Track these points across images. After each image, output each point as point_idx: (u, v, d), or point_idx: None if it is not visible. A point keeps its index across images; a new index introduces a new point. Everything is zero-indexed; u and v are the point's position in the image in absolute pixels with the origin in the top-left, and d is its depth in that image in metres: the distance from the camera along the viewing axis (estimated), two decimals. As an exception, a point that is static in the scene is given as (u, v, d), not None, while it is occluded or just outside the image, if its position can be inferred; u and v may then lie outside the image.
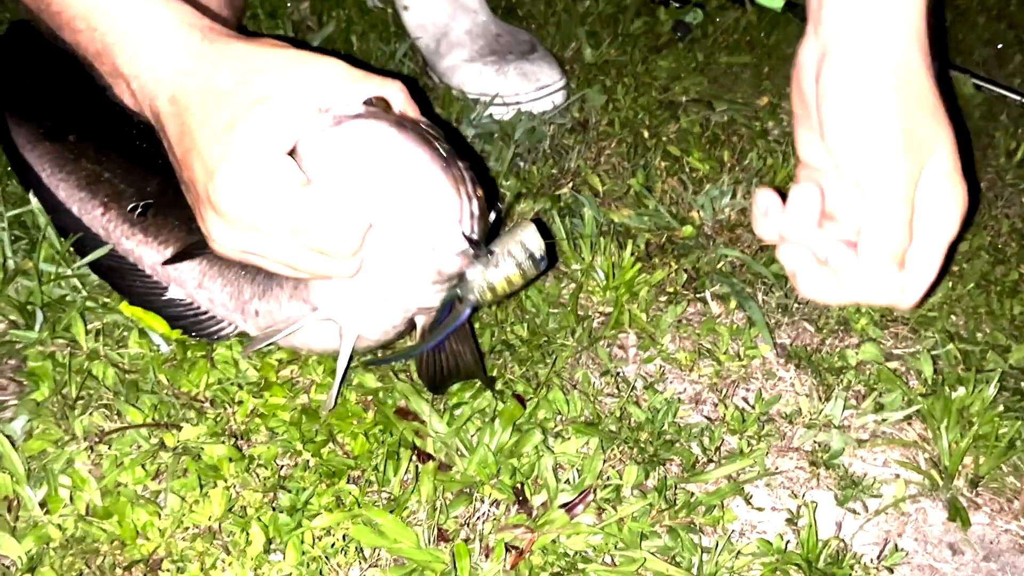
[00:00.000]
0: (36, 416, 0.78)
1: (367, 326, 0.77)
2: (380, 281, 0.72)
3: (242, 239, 0.66)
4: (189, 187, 0.68)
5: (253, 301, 0.82)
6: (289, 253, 0.66)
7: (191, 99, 0.63)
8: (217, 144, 0.62)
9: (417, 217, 0.66)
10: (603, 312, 0.97)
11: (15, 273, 0.89)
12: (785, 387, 0.92)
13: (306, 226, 0.63)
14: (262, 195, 0.62)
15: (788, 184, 1.15)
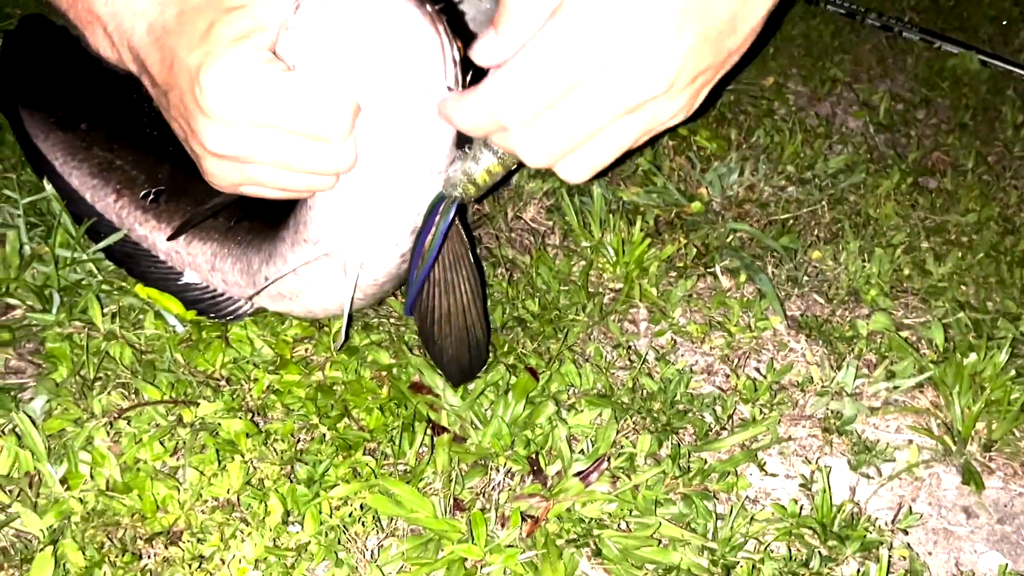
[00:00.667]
0: (55, 396, 0.79)
1: (370, 249, 0.74)
2: (376, 178, 0.68)
3: (234, 143, 0.63)
4: (176, 108, 0.66)
5: (262, 268, 0.82)
6: (283, 150, 0.63)
7: (168, 22, 0.64)
8: (196, 50, 0.62)
9: (398, 62, 0.61)
10: (614, 288, 0.98)
11: (32, 258, 0.90)
12: (796, 357, 0.92)
13: (294, 109, 0.61)
14: (246, 86, 0.61)
15: (796, 160, 1.16)
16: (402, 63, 0.61)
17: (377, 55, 0.61)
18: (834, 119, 1.31)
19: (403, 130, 0.65)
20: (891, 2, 1.59)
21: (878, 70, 1.42)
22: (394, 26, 0.60)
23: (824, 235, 1.08)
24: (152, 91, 0.69)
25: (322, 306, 0.83)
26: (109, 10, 0.67)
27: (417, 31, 0.60)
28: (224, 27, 0.62)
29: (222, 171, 0.67)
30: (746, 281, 0.99)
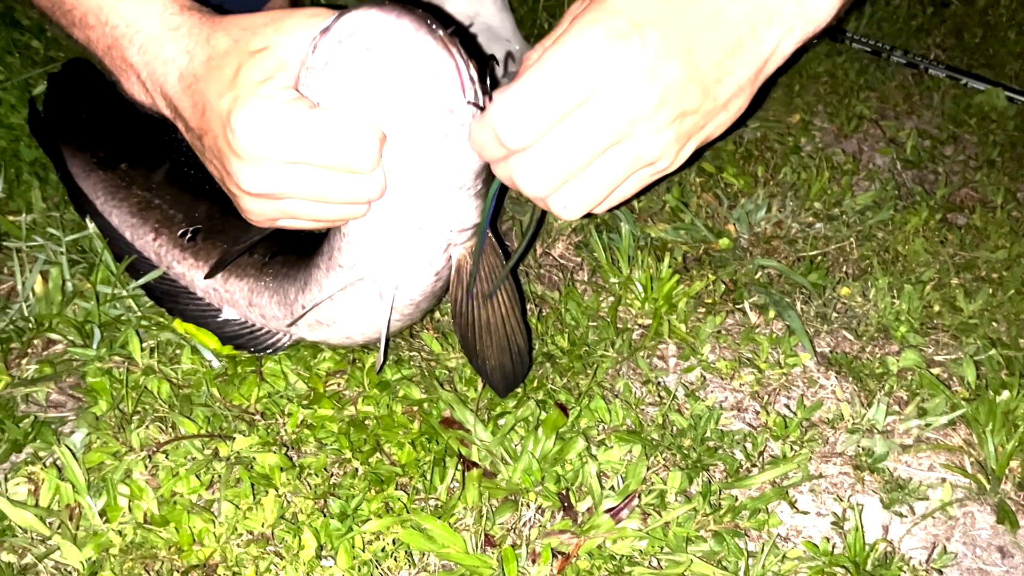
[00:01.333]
0: (95, 429, 0.81)
1: (404, 270, 0.76)
2: (406, 200, 0.70)
3: (267, 181, 0.66)
4: (211, 151, 0.69)
5: (298, 298, 0.84)
6: (315, 184, 0.66)
7: (197, 69, 0.67)
8: (226, 95, 0.65)
9: (416, 89, 0.63)
10: (642, 324, 0.98)
11: (73, 294, 0.92)
12: (826, 394, 0.92)
13: (322, 144, 0.63)
14: (275, 126, 0.63)
15: (823, 196, 1.16)
16: (420, 89, 0.63)
17: (395, 84, 0.63)
18: (861, 156, 1.31)
19: (428, 152, 0.67)
20: (917, 40, 1.59)
21: (905, 107, 1.43)
22: (409, 54, 0.62)
23: (853, 271, 1.08)
24: (187, 135, 0.72)
25: (360, 331, 0.85)
26: (142, 59, 0.70)
27: (431, 57, 0.62)
28: (250, 70, 0.65)
29: (259, 208, 0.70)
30: (775, 317, 0.99)
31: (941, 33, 1.63)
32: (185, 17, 0.69)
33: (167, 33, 0.69)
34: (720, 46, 0.59)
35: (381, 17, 0.61)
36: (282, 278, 0.87)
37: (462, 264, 0.77)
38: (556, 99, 0.58)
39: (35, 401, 0.86)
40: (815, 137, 1.32)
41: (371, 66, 0.62)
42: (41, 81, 1.16)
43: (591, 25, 0.57)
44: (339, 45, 0.62)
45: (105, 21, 0.70)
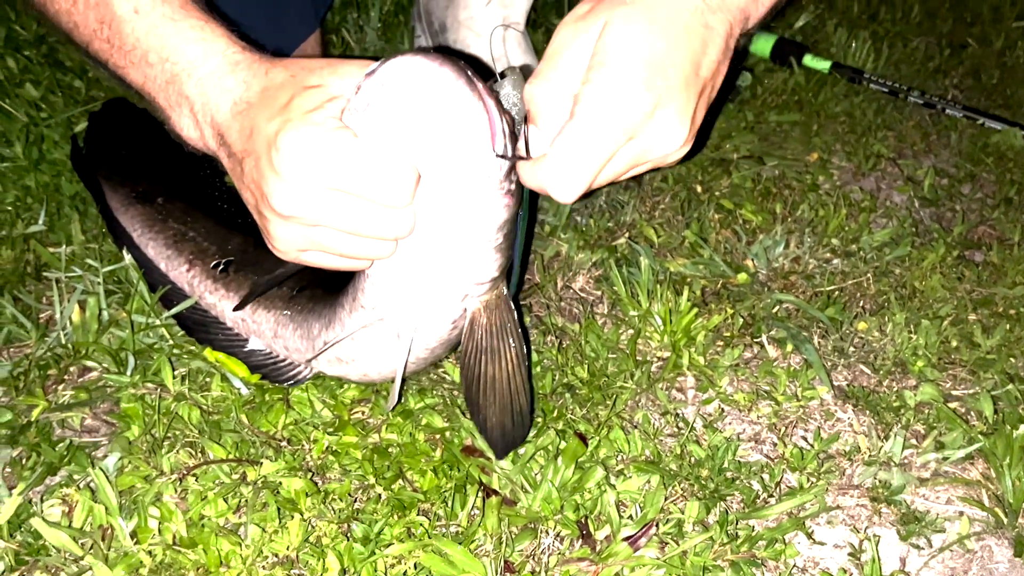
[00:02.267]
0: (128, 453, 0.83)
1: (423, 317, 0.78)
2: (430, 246, 0.72)
3: (304, 203, 0.68)
4: (250, 175, 0.72)
5: (321, 334, 0.87)
6: (349, 214, 0.68)
7: (251, 97, 0.71)
8: (276, 118, 0.68)
9: (450, 137, 0.66)
10: (661, 356, 1.00)
11: (109, 323, 0.96)
12: (843, 427, 0.93)
13: (362, 174, 0.66)
14: (319, 149, 0.66)
15: (841, 233, 1.18)
16: (453, 136, 0.66)
17: (430, 128, 0.66)
18: (879, 194, 1.33)
19: (455, 197, 0.70)
20: (934, 80, 1.62)
21: (922, 146, 1.44)
22: (446, 102, 0.65)
23: (870, 307, 1.09)
24: (228, 163, 0.75)
25: (377, 370, 0.87)
26: (199, 91, 0.74)
27: (466, 106, 0.65)
28: (301, 100, 0.69)
29: (288, 234, 0.72)
30: (792, 351, 1.00)
31: (959, 74, 1.66)
32: (246, 55, 0.74)
33: (227, 67, 0.73)
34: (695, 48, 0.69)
35: (423, 64, 0.65)
36: (307, 313, 0.89)
37: (476, 316, 0.80)
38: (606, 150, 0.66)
39: (70, 426, 0.88)
40: (833, 175, 1.34)
41: (409, 109, 0.66)
42: (83, 119, 1.21)
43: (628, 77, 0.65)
44: (382, 87, 0.66)
45: (167, 58, 0.74)
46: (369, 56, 1.45)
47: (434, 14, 1.36)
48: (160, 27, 0.74)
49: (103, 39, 0.76)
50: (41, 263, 1.04)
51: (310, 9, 1.18)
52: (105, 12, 0.75)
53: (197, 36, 0.74)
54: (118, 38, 0.75)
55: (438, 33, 1.37)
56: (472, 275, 0.76)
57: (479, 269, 0.76)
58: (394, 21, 1.51)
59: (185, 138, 0.78)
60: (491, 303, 0.80)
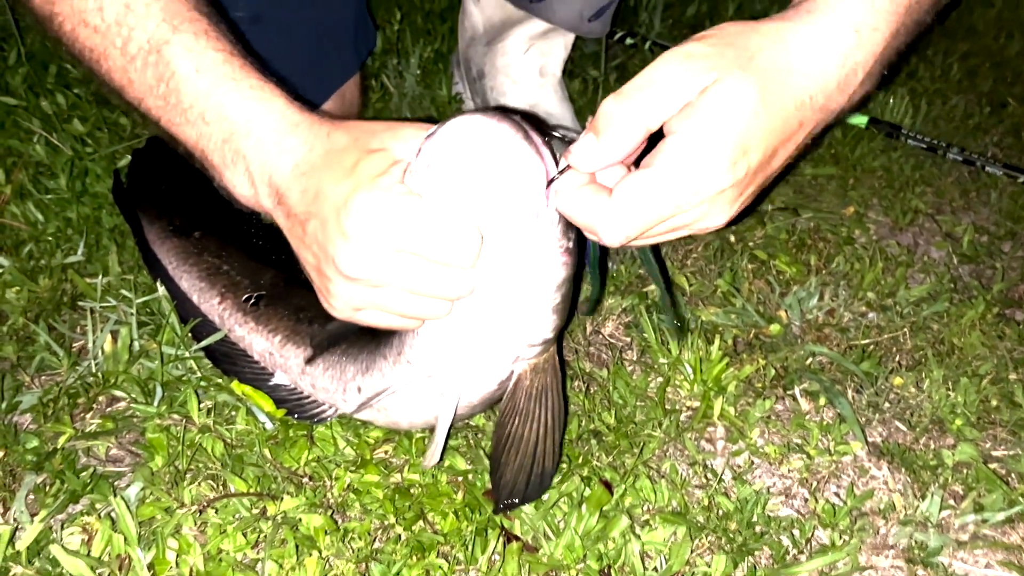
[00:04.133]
0: (150, 484, 0.83)
1: (471, 375, 0.79)
2: (488, 307, 0.73)
3: (371, 266, 0.69)
4: (314, 236, 0.73)
5: (356, 378, 0.86)
6: (414, 274, 0.69)
7: (315, 160, 0.72)
8: (344, 182, 0.69)
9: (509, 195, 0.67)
10: (690, 406, 0.98)
11: (140, 354, 0.96)
12: (878, 484, 0.90)
13: (430, 236, 0.68)
14: (389, 213, 0.67)
15: (876, 287, 1.16)
16: (510, 195, 0.67)
17: (489, 188, 0.67)
18: (916, 249, 1.31)
19: (513, 257, 0.70)
20: (974, 138, 1.60)
21: (961, 203, 1.42)
22: (503, 162, 0.67)
23: (906, 362, 1.06)
24: (285, 222, 0.76)
25: (409, 420, 0.87)
26: (257, 149, 0.74)
27: (525, 165, 0.67)
28: (367, 164, 0.70)
29: (350, 294, 0.73)
30: (825, 405, 0.98)
31: (999, 132, 1.64)
32: (305, 116, 0.75)
33: (287, 127, 0.74)
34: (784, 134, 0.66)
35: (479, 123, 0.67)
36: (341, 353, 0.89)
37: (522, 378, 0.80)
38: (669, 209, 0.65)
39: (96, 455, 0.89)
40: (869, 229, 1.32)
41: (467, 169, 0.67)
42: (126, 154, 1.23)
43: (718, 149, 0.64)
44: (441, 148, 0.67)
45: (226, 117, 0.75)
46: (408, 103, 1.47)
47: (472, 60, 1.38)
48: (220, 87, 0.75)
49: (159, 96, 0.77)
50: (78, 293, 1.05)
51: (352, 53, 1.20)
52: (164, 70, 0.75)
53: (256, 96, 0.75)
54: (175, 96, 0.75)
55: (476, 80, 1.39)
56: (526, 336, 0.77)
57: (534, 330, 0.76)
58: (434, 68, 1.54)
59: (237, 195, 0.78)
60: (539, 366, 0.81)
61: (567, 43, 1.33)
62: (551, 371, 0.82)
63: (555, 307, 0.76)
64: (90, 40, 0.77)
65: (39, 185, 1.19)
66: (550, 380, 0.82)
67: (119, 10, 0.75)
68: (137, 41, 0.75)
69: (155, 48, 0.75)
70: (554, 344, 0.81)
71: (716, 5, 1.89)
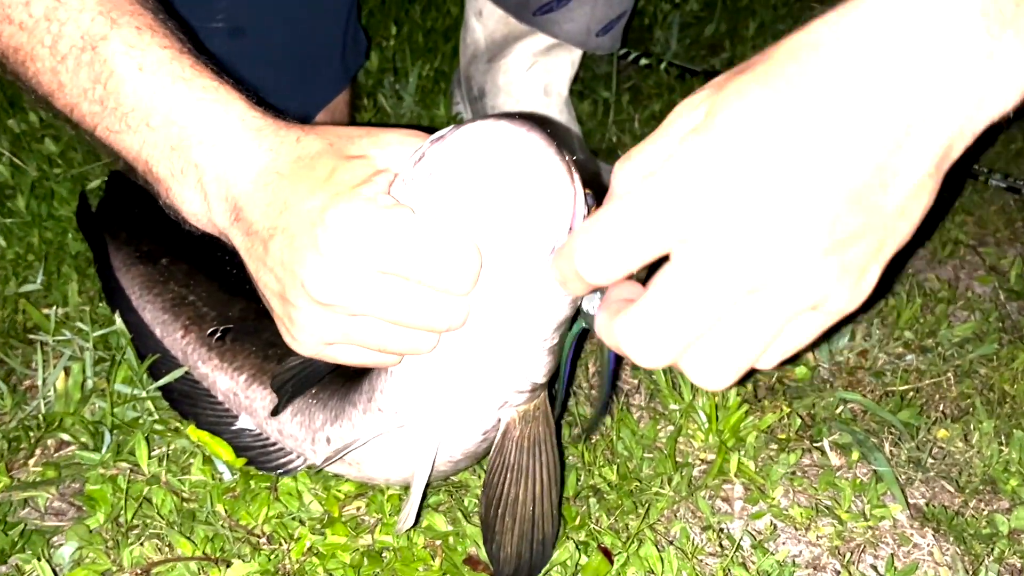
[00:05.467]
0: (88, 543, 0.74)
1: (451, 426, 0.69)
2: (478, 341, 0.63)
3: (348, 289, 0.59)
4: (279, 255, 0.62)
5: (325, 427, 0.77)
6: (399, 300, 0.59)
7: (281, 167, 0.62)
8: (319, 192, 0.60)
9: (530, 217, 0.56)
10: (705, 459, 0.87)
11: (91, 392, 0.87)
12: (922, 555, 0.78)
13: (422, 255, 0.57)
14: (374, 227, 0.57)
15: (915, 326, 1.05)
16: (534, 217, 0.56)
17: (512, 206, 0.56)
18: (958, 283, 1.20)
19: (521, 287, 0.60)
20: (1016, 164, 1.49)
21: (1006, 233, 1.31)
22: (532, 179, 0.56)
23: (951, 411, 0.95)
24: (243, 241, 0.65)
25: (384, 476, 0.77)
26: (212, 158, 0.64)
27: (555, 186, 0.56)
28: (347, 171, 0.61)
29: (320, 324, 0.62)
30: (859, 460, 0.87)
31: (1044, 158, 1.53)
32: (268, 120, 0.65)
33: (248, 132, 0.64)
34: (880, 144, 0.44)
35: (508, 130, 0.56)
36: (310, 398, 0.79)
37: (510, 428, 0.70)
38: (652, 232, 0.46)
39: (36, 507, 0.79)
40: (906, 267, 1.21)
41: (483, 181, 0.56)
42: (96, 175, 1.15)
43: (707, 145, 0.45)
44: (453, 155, 0.56)
45: (174, 121, 0.65)
46: (405, 124, 1.39)
47: (474, 79, 1.30)
48: (168, 87, 0.65)
49: (94, 100, 0.67)
50: (31, 324, 0.96)
51: (340, 68, 1.12)
52: (101, 70, 0.66)
53: (211, 97, 0.66)
54: (114, 98, 0.66)
55: (477, 99, 1.30)
56: (518, 379, 0.66)
57: (527, 372, 0.66)
58: (433, 88, 1.45)
59: (186, 214, 0.68)
60: (528, 414, 0.70)
61: (574, 60, 1.24)
62: (543, 419, 0.71)
63: (551, 348, 0.66)
64: (14, 39, 0.67)
65: (2, 208, 1.11)
66: (542, 430, 0.71)
67: (49, 4, 0.66)
68: (69, 38, 0.66)
69: (90, 44, 0.65)
70: (545, 390, 0.71)
71: (736, 25, 1.79)
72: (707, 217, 0.44)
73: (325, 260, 0.59)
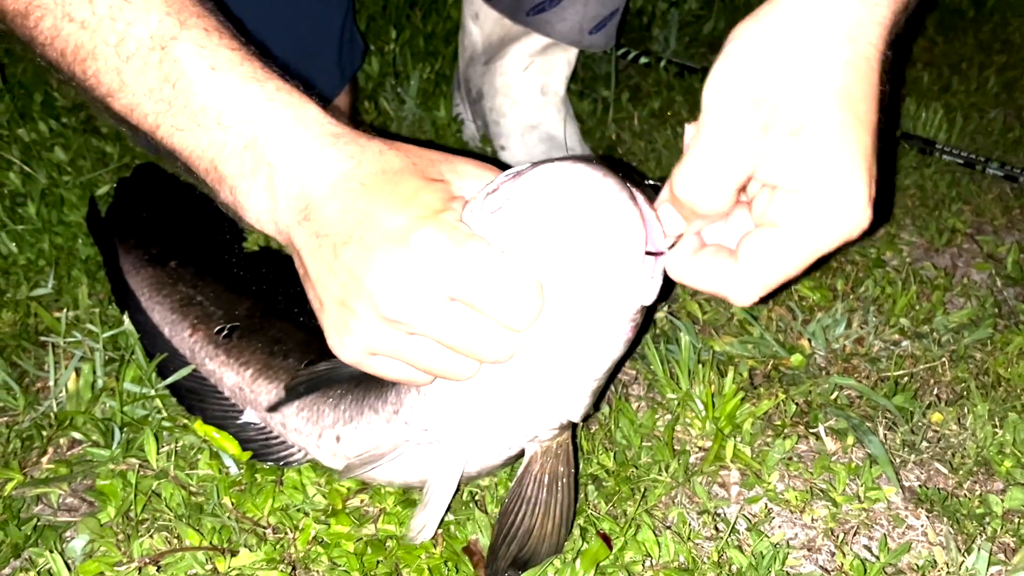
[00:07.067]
0: (99, 537, 0.76)
1: (483, 447, 0.70)
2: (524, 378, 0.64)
3: (416, 309, 0.61)
4: (352, 263, 0.63)
5: (336, 426, 0.78)
6: (460, 326, 0.61)
7: (365, 177, 0.63)
8: (403, 211, 0.61)
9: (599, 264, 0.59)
10: (702, 446, 0.89)
11: (101, 392, 0.89)
12: (916, 535, 0.79)
13: (492, 287, 0.60)
14: (454, 255, 0.60)
15: (911, 312, 1.06)
16: (603, 264, 0.60)
17: (581, 256, 0.59)
18: (954, 271, 1.20)
19: (582, 327, 0.62)
20: (1015, 152, 1.49)
21: (1003, 221, 1.31)
22: (607, 224, 0.59)
23: (946, 396, 0.96)
24: (310, 242, 0.65)
25: (393, 480, 0.78)
26: (288, 157, 0.65)
27: (629, 231, 0.59)
28: (430, 195, 0.62)
29: (375, 336, 0.63)
30: (854, 444, 0.88)
31: (1042, 146, 1.53)
32: (346, 128, 0.66)
33: (328, 138, 0.65)
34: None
35: (583, 173, 0.59)
36: (319, 395, 0.81)
37: (532, 461, 0.72)
38: (807, 261, 0.60)
39: (48, 503, 0.81)
40: (902, 251, 1.22)
41: (558, 221, 0.59)
42: (104, 181, 1.18)
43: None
44: (530, 193, 0.59)
45: (249, 120, 0.65)
46: (406, 126, 1.41)
47: (472, 81, 1.32)
48: (241, 87, 0.65)
49: (161, 99, 0.66)
50: (43, 327, 0.99)
51: (336, 71, 1.14)
52: (172, 69, 0.65)
53: (286, 99, 0.65)
54: (183, 97, 0.65)
55: (476, 101, 1.32)
56: (555, 415, 0.68)
57: (565, 412, 0.68)
58: (434, 91, 1.47)
59: (246, 209, 0.67)
60: (551, 449, 0.72)
61: (569, 59, 1.25)
62: (564, 457, 0.73)
63: (596, 389, 0.68)
64: (75, 37, 0.66)
65: (14, 215, 1.13)
66: (563, 468, 0.73)
67: (114, 3, 0.65)
68: (136, 38, 0.65)
69: (159, 44, 0.65)
70: (570, 429, 0.72)
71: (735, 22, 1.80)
72: None
73: (401, 279, 0.60)
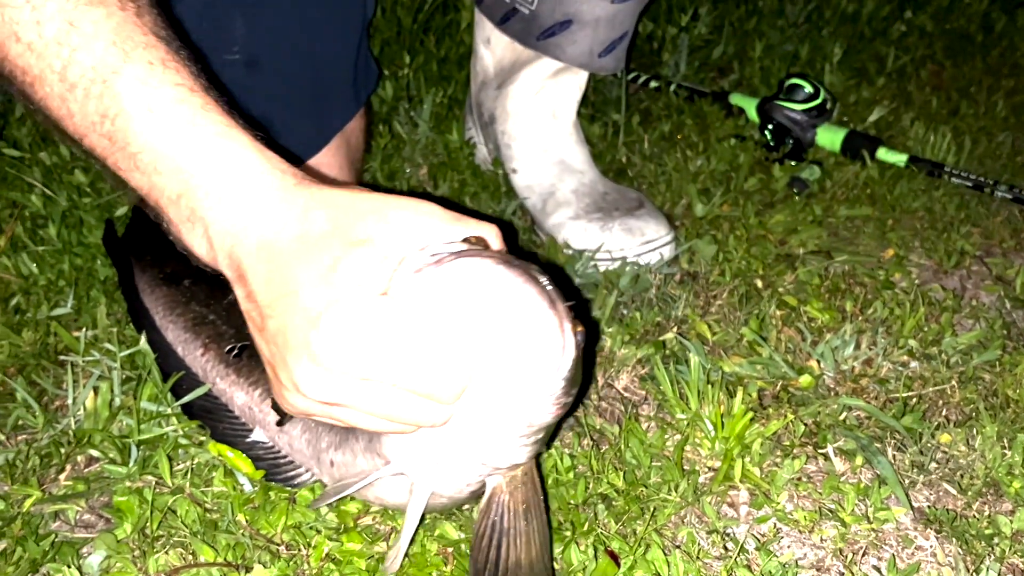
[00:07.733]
0: (116, 552, 0.77)
1: (441, 481, 0.71)
2: (463, 432, 0.66)
3: (336, 391, 0.61)
4: (275, 335, 0.63)
5: (329, 451, 0.79)
6: (385, 403, 0.62)
7: (284, 243, 0.62)
8: (320, 290, 0.60)
9: (519, 357, 0.61)
10: (711, 466, 0.89)
11: (118, 410, 0.91)
12: (925, 556, 0.80)
13: (413, 368, 0.60)
14: (369, 342, 0.59)
15: (919, 334, 1.06)
16: (522, 358, 0.61)
17: (502, 341, 0.61)
18: (963, 293, 1.21)
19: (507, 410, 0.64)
20: (1022, 175, 1.50)
21: (1012, 244, 1.32)
22: (528, 321, 0.60)
23: (955, 417, 0.96)
24: (244, 300, 0.66)
25: (376, 500, 0.80)
26: (217, 214, 0.63)
27: (546, 334, 0.60)
28: (350, 267, 0.60)
29: (303, 404, 0.65)
30: (863, 465, 0.88)
31: (1052, 169, 1.54)
32: (275, 178, 0.64)
33: (254, 192, 0.63)
34: None
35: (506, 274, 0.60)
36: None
37: (496, 492, 0.72)
38: None
39: (66, 519, 0.83)
40: (911, 273, 1.23)
41: (480, 315, 0.60)
42: (123, 203, 1.20)
43: None
44: (455, 283, 0.60)
45: (181, 169, 0.64)
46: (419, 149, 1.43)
47: (484, 105, 1.34)
48: (177, 132, 0.63)
49: (103, 134, 0.64)
50: (62, 347, 1.01)
51: (351, 95, 1.16)
52: (111, 105, 0.63)
53: (217, 148, 0.64)
54: (122, 136, 0.64)
55: (487, 125, 1.34)
56: (501, 461, 0.70)
57: (509, 458, 0.69)
58: (447, 115, 1.49)
59: (195, 253, 0.68)
60: (517, 479, 0.73)
61: (580, 83, 1.27)
62: (530, 485, 0.73)
63: (536, 441, 0.69)
64: (23, 59, 0.64)
65: (36, 237, 1.16)
66: (530, 494, 0.73)
67: (61, 27, 0.63)
68: (80, 66, 0.63)
69: (100, 77, 0.63)
70: (533, 461, 0.73)
71: (744, 46, 1.82)
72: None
73: (317, 365, 0.60)
